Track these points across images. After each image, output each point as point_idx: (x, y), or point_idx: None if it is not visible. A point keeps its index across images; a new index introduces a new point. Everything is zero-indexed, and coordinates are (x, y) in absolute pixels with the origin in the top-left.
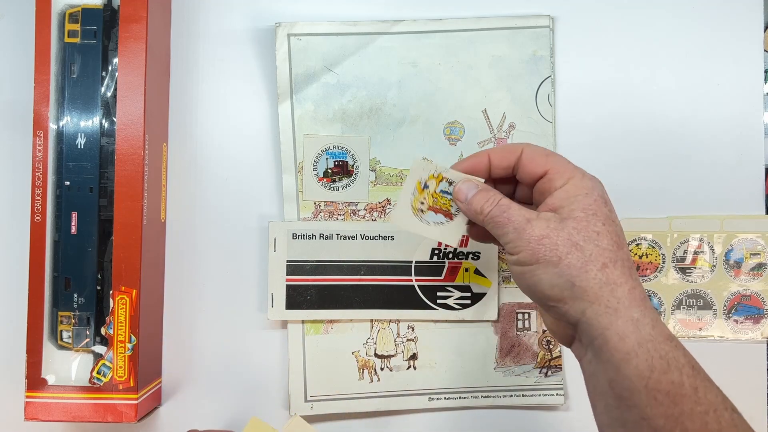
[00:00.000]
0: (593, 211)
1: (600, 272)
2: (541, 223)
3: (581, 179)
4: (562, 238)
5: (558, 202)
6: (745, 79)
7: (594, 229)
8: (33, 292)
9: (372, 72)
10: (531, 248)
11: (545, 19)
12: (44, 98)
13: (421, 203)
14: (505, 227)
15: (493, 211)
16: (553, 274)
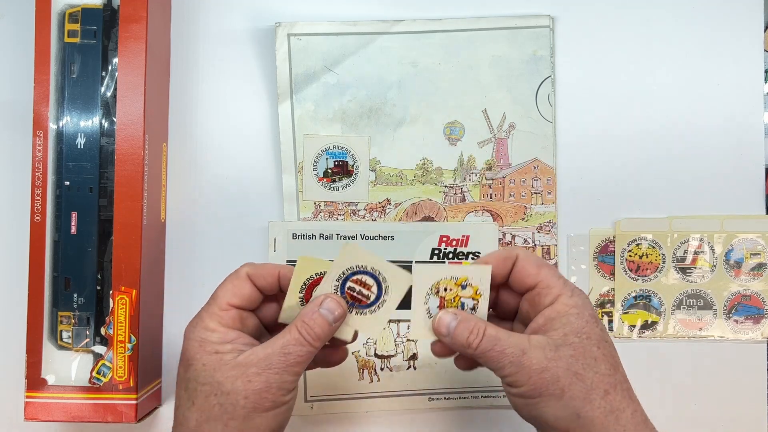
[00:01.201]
0: (587, 335)
1: (603, 400)
2: (537, 353)
3: (570, 297)
4: (562, 369)
5: (549, 324)
6: (745, 79)
7: (591, 355)
8: (33, 292)
9: (372, 72)
10: (533, 382)
11: (545, 18)
12: (44, 98)
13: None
14: (500, 361)
15: (482, 345)
16: (558, 407)
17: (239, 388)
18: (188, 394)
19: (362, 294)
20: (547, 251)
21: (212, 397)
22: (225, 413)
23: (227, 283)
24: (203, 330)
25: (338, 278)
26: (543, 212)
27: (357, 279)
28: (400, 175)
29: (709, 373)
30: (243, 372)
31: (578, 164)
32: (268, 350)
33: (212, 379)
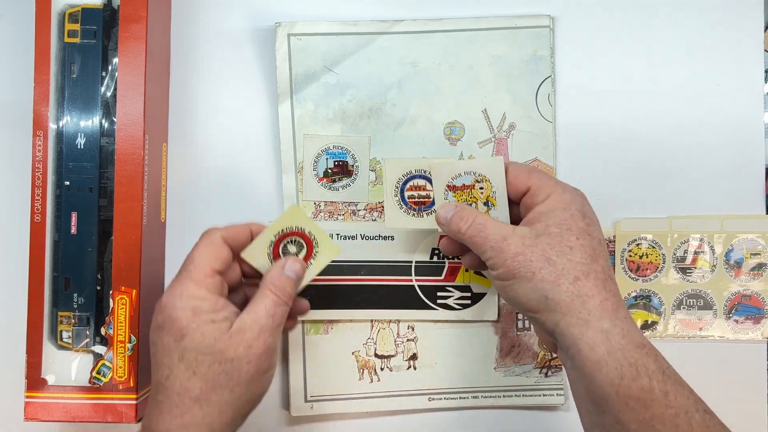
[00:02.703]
0: (567, 226)
1: (572, 285)
2: (516, 240)
3: (561, 193)
4: (536, 254)
5: (536, 217)
6: (745, 79)
7: (567, 244)
8: (33, 292)
9: (372, 72)
10: (507, 265)
11: (545, 18)
12: (44, 98)
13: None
14: (483, 246)
15: (470, 230)
16: (528, 288)
17: (242, 354)
18: (186, 364)
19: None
20: None
21: (216, 365)
22: (230, 380)
23: (204, 248)
24: (193, 298)
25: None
26: None
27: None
28: None
29: (709, 373)
30: (242, 338)
31: (578, 164)
32: (255, 315)
33: (214, 348)
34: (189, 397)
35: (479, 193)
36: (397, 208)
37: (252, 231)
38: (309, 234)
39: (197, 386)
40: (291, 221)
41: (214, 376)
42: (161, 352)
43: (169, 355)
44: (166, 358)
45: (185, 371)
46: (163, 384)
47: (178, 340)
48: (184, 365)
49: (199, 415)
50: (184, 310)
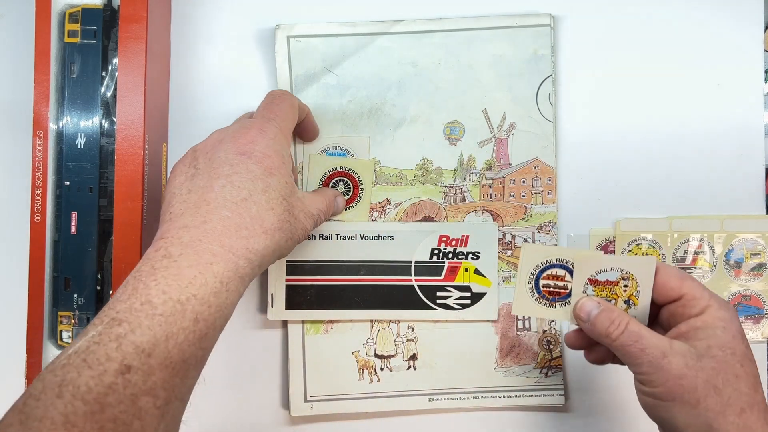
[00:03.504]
0: (732, 351)
1: (738, 417)
2: (678, 360)
3: (718, 309)
4: (701, 380)
5: (693, 333)
6: (745, 79)
7: (733, 372)
8: (33, 292)
9: (372, 72)
10: (669, 386)
11: (546, 17)
12: (44, 98)
13: None
14: (639, 359)
15: (622, 338)
16: (691, 415)
17: (301, 218)
18: (267, 197)
19: (558, 287)
20: None
21: (288, 214)
22: (290, 231)
23: (288, 109)
24: (281, 146)
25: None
26: (543, 212)
27: (549, 274)
28: (400, 175)
29: None
30: (304, 208)
31: (579, 164)
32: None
33: (289, 199)
34: (260, 225)
35: (622, 291)
36: (528, 295)
37: (308, 114)
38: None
39: (270, 221)
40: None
41: (284, 219)
42: (242, 175)
43: (254, 181)
44: (248, 183)
45: (266, 203)
46: (236, 204)
47: (266, 175)
48: (265, 198)
49: (262, 245)
50: (276, 153)
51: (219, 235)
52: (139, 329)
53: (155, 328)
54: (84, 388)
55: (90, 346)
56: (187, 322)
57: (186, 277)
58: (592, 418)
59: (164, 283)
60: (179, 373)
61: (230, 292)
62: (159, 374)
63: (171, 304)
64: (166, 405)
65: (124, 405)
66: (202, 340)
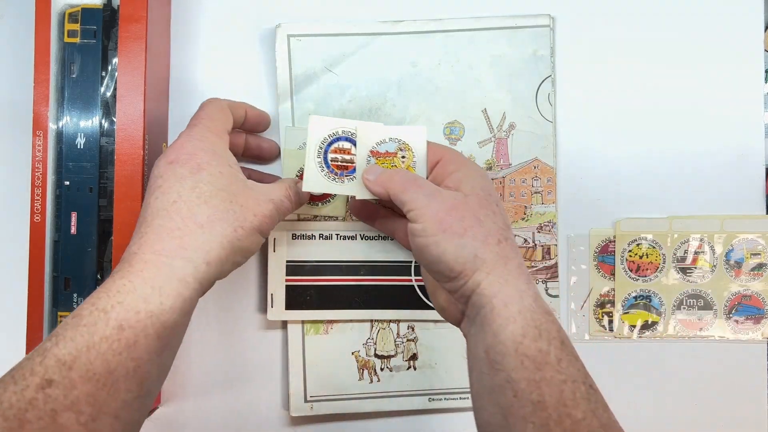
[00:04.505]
0: (489, 192)
1: (497, 246)
2: (449, 194)
3: (474, 167)
4: (468, 212)
5: (457, 183)
6: (745, 79)
7: (491, 209)
8: (32, 292)
9: (372, 72)
10: (439, 217)
11: (545, 18)
12: (44, 98)
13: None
14: (416, 192)
15: (399, 183)
16: (458, 245)
17: (251, 205)
18: (198, 192)
19: (345, 160)
20: (548, 251)
21: (227, 203)
22: (236, 220)
23: (217, 111)
24: (213, 144)
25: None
26: (543, 212)
27: (336, 147)
28: None
29: (709, 373)
30: (254, 195)
31: (578, 164)
32: (269, 188)
33: (229, 188)
34: (194, 221)
35: (400, 162)
36: (318, 170)
37: (247, 111)
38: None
39: (205, 213)
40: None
41: (223, 209)
42: (171, 181)
43: (181, 182)
44: (176, 185)
45: (196, 199)
46: (167, 209)
47: (194, 173)
48: (195, 194)
49: (200, 239)
50: (204, 150)
51: (152, 244)
52: (62, 341)
53: (77, 339)
54: (6, 404)
55: (21, 363)
56: (110, 330)
57: (114, 288)
58: None
59: (95, 296)
60: (105, 387)
61: (165, 296)
62: (81, 388)
63: (96, 313)
64: (92, 422)
65: (44, 421)
66: (130, 349)
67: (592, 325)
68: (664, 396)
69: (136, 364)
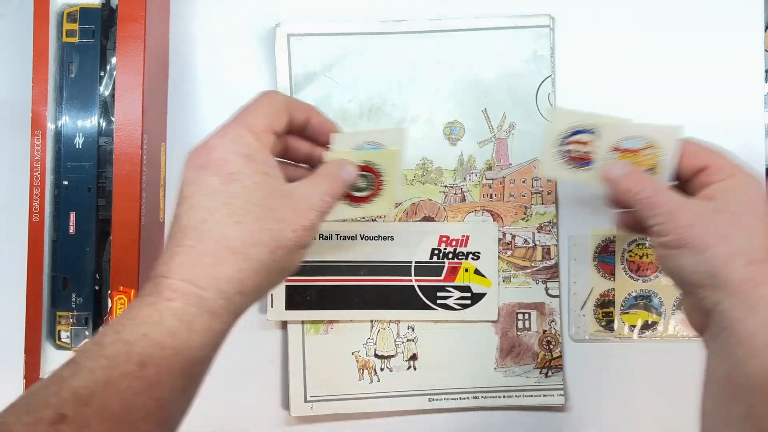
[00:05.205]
0: (753, 210)
1: (744, 268)
2: (693, 209)
3: (743, 176)
4: (712, 229)
5: (715, 194)
6: (745, 79)
7: (749, 227)
8: (31, 292)
9: (372, 72)
10: (678, 233)
11: (545, 18)
12: (42, 98)
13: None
14: (654, 210)
15: (642, 192)
16: (696, 261)
17: (290, 218)
18: (230, 210)
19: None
20: (548, 251)
21: (263, 221)
22: (273, 241)
23: (266, 105)
24: (247, 146)
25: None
26: (543, 212)
27: (576, 139)
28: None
29: None
30: (294, 205)
31: None
32: (309, 190)
33: (264, 202)
34: (227, 246)
35: (645, 158)
36: (555, 157)
37: (311, 116)
38: (383, 182)
39: (238, 237)
40: (379, 159)
41: (259, 230)
42: (200, 194)
43: (212, 197)
44: (206, 200)
45: (228, 218)
46: (197, 228)
47: (225, 183)
48: (227, 211)
49: (234, 268)
50: (237, 154)
51: (181, 269)
52: (80, 372)
53: (96, 372)
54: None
55: (38, 389)
56: (131, 366)
57: (140, 317)
58: (592, 418)
59: (119, 323)
60: (122, 427)
61: (194, 332)
62: (96, 427)
63: (119, 344)
64: None
65: None
66: (152, 389)
67: (592, 325)
68: (664, 396)
69: (157, 404)
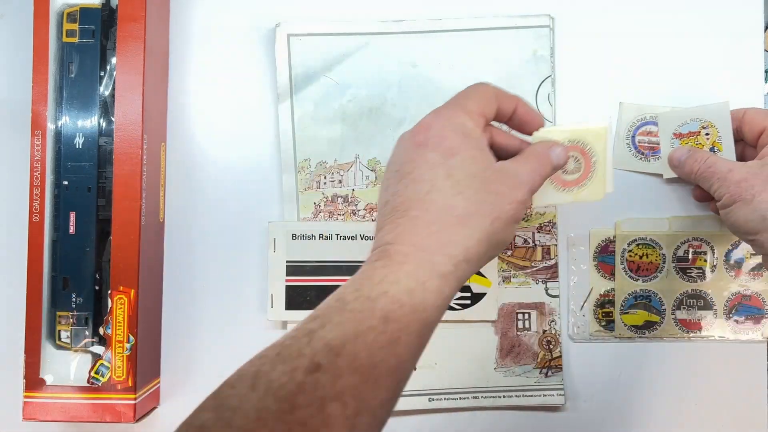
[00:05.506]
0: None
1: None
2: (742, 169)
3: None
4: (759, 180)
5: (766, 153)
6: (745, 79)
7: None
8: (31, 292)
9: (372, 72)
10: (731, 191)
11: (545, 18)
12: (42, 98)
13: None
14: (711, 179)
15: (700, 168)
16: (748, 211)
17: (505, 192)
18: (453, 182)
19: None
20: (547, 251)
21: (482, 192)
22: (493, 211)
23: (480, 94)
24: (463, 126)
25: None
26: (543, 212)
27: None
28: None
29: (709, 373)
30: (507, 178)
31: None
32: (520, 167)
33: (482, 175)
34: (452, 215)
35: (705, 140)
36: (626, 150)
37: (518, 106)
38: (593, 163)
39: (462, 206)
40: (588, 138)
41: (479, 201)
42: (423, 168)
43: (434, 170)
44: (428, 173)
45: (451, 189)
46: (422, 199)
47: (446, 158)
48: (450, 183)
49: (459, 236)
50: (454, 131)
51: (410, 236)
52: (329, 325)
53: (345, 325)
54: (276, 383)
55: (285, 341)
56: (375, 320)
57: (377, 277)
58: (592, 418)
59: (357, 282)
60: (369, 380)
61: (428, 291)
62: (347, 378)
63: (361, 300)
64: (355, 417)
65: (313, 408)
66: (394, 345)
67: (592, 325)
68: (664, 396)
69: (397, 361)
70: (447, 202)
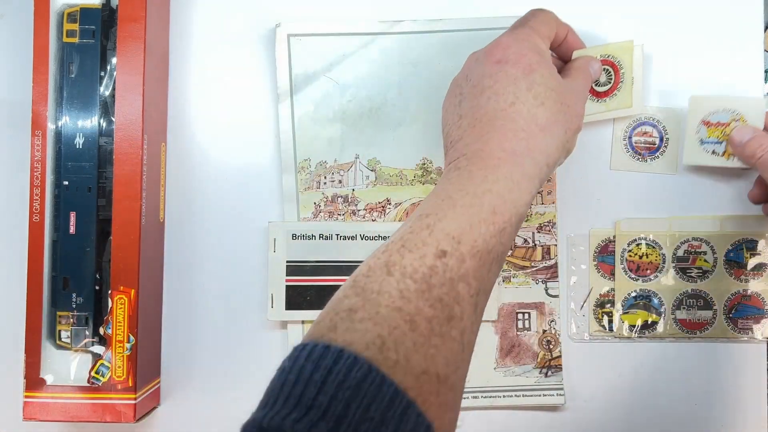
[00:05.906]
0: None
1: None
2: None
3: None
4: None
5: None
6: (745, 79)
7: None
8: (31, 292)
9: (372, 72)
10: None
11: None
12: (42, 98)
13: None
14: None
15: (764, 156)
16: None
17: (572, 103)
18: (534, 94)
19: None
20: (547, 251)
21: (559, 104)
22: (567, 121)
23: (543, 16)
24: (537, 45)
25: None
26: (543, 212)
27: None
28: (400, 175)
29: (709, 373)
30: (572, 93)
31: (578, 164)
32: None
33: (558, 89)
34: (536, 124)
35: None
36: (623, 151)
37: (569, 32)
38: (621, 75)
39: (544, 116)
40: (617, 52)
41: (556, 111)
42: (503, 82)
43: (515, 83)
44: (510, 87)
45: (533, 100)
46: (505, 110)
47: (526, 74)
48: (532, 95)
49: (543, 142)
50: (530, 50)
51: (500, 143)
52: (445, 219)
53: (459, 218)
54: (410, 268)
55: (404, 235)
56: (485, 213)
57: (477, 177)
58: (591, 418)
59: (459, 183)
60: (485, 265)
61: (522, 190)
62: (469, 262)
63: (469, 198)
64: (477, 295)
65: (446, 287)
66: (500, 234)
67: (592, 325)
68: (664, 396)
69: (503, 250)
70: (531, 112)
